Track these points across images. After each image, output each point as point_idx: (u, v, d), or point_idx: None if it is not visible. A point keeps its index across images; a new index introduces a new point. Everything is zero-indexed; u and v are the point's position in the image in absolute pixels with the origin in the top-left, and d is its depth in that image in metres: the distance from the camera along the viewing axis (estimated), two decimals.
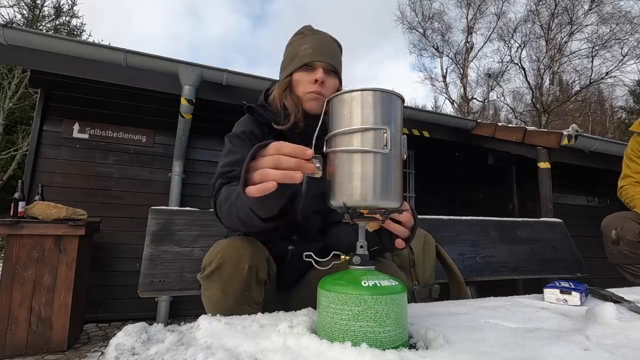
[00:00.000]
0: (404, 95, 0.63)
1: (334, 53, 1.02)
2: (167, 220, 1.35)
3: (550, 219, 2.15)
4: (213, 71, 3.18)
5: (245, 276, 0.79)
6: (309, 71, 0.98)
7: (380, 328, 0.52)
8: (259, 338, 0.56)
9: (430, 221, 1.77)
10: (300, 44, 1.01)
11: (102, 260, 3.31)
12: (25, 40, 2.76)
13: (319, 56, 0.98)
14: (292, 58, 1.02)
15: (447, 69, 18.91)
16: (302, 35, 1.04)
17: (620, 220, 1.82)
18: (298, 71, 0.99)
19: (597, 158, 3.71)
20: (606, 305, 0.71)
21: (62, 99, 3.42)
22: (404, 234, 0.76)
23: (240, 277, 0.79)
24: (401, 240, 0.76)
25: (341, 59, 1.07)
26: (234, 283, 0.79)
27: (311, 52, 0.98)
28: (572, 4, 15.44)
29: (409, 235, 0.78)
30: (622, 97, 17.69)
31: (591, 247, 2.73)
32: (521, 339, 0.59)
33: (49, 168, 3.32)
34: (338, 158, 0.62)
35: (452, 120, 4.32)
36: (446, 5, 18.56)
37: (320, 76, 0.95)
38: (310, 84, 0.97)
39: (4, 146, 9.10)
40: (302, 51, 0.99)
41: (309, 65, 0.98)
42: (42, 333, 2.40)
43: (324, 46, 1.00)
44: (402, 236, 0.76)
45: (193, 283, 1.25)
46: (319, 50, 0.98)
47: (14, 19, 10.20)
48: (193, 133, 3.34)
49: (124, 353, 0.51)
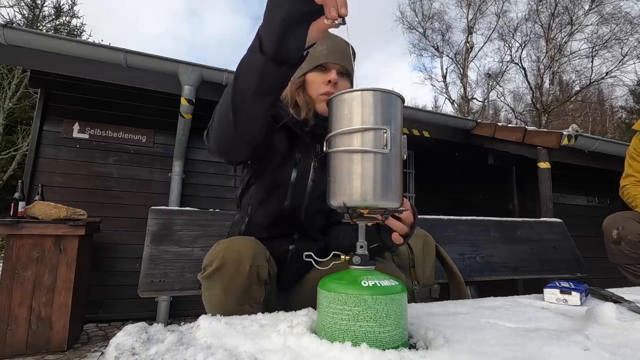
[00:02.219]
0: (404, 95, 0.63)
1: (348, 57, 1.02)
2: (167, 220, 1.35)
3: (550, 219, 2.15)
4: (213, 71, 3.18)
5: (247, 276, 0.79)
6: (323, 72, 0.99)
7: (380, 328, 0.52)
8: (259, 338, 0.56)
9: (430, 221, 1.77)
10: (315, 46, 1.02)
11: (102, 260, 3.31)
12: (25, 40, 2.76)
13: (333, 58, 0.98)
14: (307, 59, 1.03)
15: (447, 69, 18.93)
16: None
17: (621, 220, 1.82)
18: (312, 72, 1.00)
19: (597, 158, 3.71)
20: (606, 305, 0.71)
21: (62, 99, 3.42)
22: (403, 231, 0.77)
23: (241, 277, 0.79)
24: (398, 235, 0.77)
25: (354, 65, 1.08)
26: (235, 283, 0.79)
27: (326, 53, 0.99)
28: (572, 4, 15.44)
29: (407, 232, 0.79)
30: (622, 97, 17.70)
31: (591, 247, 2.73)
32: (521, 339, 0.59)
33: (49, 168, 3.32)
34: (338, 158, 0.62)
35: (452, 120, 4.32)
36: (446, 5, 18.57)
37: (333, 77, 0.96)
38: (323, 84, 0.97)
39: (4, 146, 9.10)
40: (317, 52, 0.99)
41: (323, 66, 0.99)
42: (42, 333, 2.40)
43: (339, 49, 1.00)
44: (401, 233, 0.77)
45: (193, 283, 1.25)
46: (334, 52, 0.99)
47: (14, 19, 10.20)
48: (193, 133, 3.34)
49: (124, 353, 0.51)
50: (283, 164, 0.99)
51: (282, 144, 1.00)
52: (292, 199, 0.99)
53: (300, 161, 1.00)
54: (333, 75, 0.96)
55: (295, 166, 1.00)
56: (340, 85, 0.98)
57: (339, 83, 0.98)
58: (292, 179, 0.98)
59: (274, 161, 0.98)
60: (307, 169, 1.00)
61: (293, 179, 0.98)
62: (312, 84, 0.99)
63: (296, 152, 1.01)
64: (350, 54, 1.06)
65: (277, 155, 0.99)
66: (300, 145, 1.01)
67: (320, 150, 1.01)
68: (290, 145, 1.01)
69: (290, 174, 0.99)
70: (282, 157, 0.99)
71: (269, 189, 0.99)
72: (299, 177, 0.99)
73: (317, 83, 0.99)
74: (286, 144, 1.00)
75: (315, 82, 0.99)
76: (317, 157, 1.02)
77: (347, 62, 1.01)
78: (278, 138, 0.99)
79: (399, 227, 0.76)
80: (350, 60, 1.03)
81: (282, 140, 1.00)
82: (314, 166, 1.01)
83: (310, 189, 1.00)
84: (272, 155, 0.98)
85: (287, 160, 1.00)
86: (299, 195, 0.99)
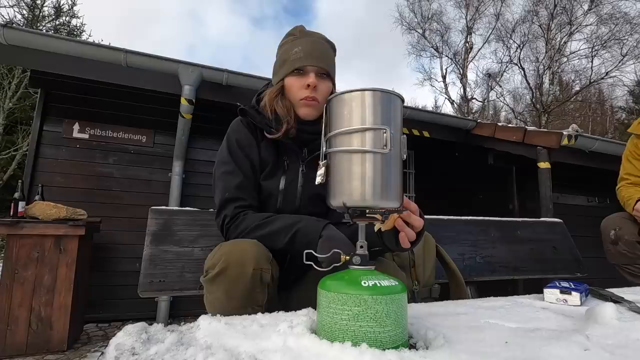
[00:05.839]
0: (403, 96, 0.63)
1: (326, 55, 1.01)
2: (167, 220, 1.35)
3: (550, 219, 2.15)
4: (213, 71, 3.18)
5: (250, 279, 0.79)
6: (301, 76, 0.97)
7: (380, 328, 0.52)
8: (259, 338, 0.56)
9: (430, 221, 1.77)
10: (290, 47, 1.00)
11: (102, 260, 3.31)
12: (25, 40, 2.76)
13: (310, 60, 0.96)
14: (283, 62, 1.01)
15: (447, 69, 18.93)
16: (293, 38, 1.03)
17: (619, 220, 1.83)
18: (289, 76, 0.98)
19: (597, 158, 3.71)
20: (606, 305, 0.71)
21: (62, 99, 3.42)
22: (412, 237, 0.76)
23: (244, 280, 0.78)
24: (407, 240, 0.76)
25: (334, 61, 1.06)
26: (238, 286, 0.79)
27: (302, 56, 0.97)
28: (571, 5, 15.44)
29: (415, 239, 0.78)
30: (621, 97, 17.69)
31: (591, 247, 2.72)
32: (521, 339, 0.59)
33: (49, 168, 3.32)
34: (338, 158, 0.62)
35: (452, 120, 4.32)
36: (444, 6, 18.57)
37: (312, 81, 0.94)
38: (302, 89, 0.96)
39: (4, 146, 9.10)
40: (292, 55, 0.97)
41: (300, 69, 0.97)
42: (42, 333, 2.40)
43: (316, 49, 0.99)
44: (410, 239, 0.76)
45: (193, 283, 1.25)
46: (310, 54, 0.97)
47: (14, 19, 10.20)
48: (193, 133, 3.34)
49: (124, 353, 0.51)
50: (273, 173, 1.00)
51: (269, 154, 1.00)
52: (284, 205, 0.99)
53: (289, 167, 1.01)
54: (311, 79, 0.95)
55: (284, 173, 1.00)
56: (321, 87, 0.97)
57: (319, 85, 0.96)
58: (281, 187, 0.99)
59: (263, 173, 1.00)
60: (296, 174, 1.01)
61: (282, 186, 0.99)
62: (290, 89, 0.98)
63: (284, 158, 1.01)
64: (329, 50, 1.04)
65: (267, 167, 1.00)
66: (287, 151, 1.01)
67: (307, 154, 1.02)
68: (278, 152, 1.01)
69: (278, 182, 0.99)
70: (271, 167, 1.00)
71: (261, 199, 1.01)
72: (288, 183, 0.99)
73: (295, 88, 0.97)
74: (273, 152, 1.01)
75: (294, 87, 0.98)
76: (305, 161, 1.02)
77: (325, 61, 0.99)
78: (265, 149, 1.00)
79: (410, 233, 0.75)
80: (328, 59, 1.01)
81: (269, 150, 1.00)
82: (302, 171, 1.01)
83: (300, 194, 1.00)
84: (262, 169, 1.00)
85: (276, 169, 1.01)
86: (290, 201, 1.00)
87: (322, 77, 0.98)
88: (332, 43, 1.07)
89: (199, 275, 0.87)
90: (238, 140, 1.01)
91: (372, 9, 41.78)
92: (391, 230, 0.79)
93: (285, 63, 0.99)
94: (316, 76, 0.96)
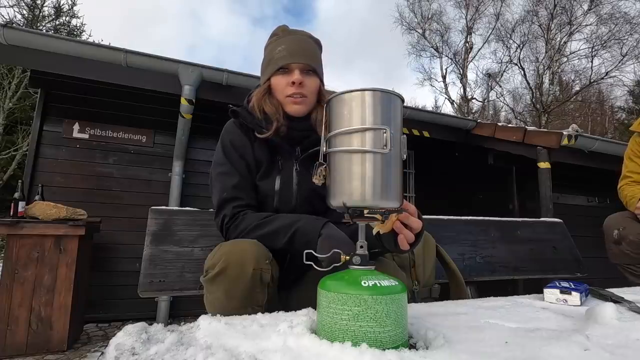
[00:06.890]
0: (403, 95, 0.63)
1: (311, 52, 1.01)
2: (167, 220, 1.35)
3: (550, 219, 2.15)
4: (213, 71, 3.18)
5: (250, 279, 0.79)
6: (286, 74, 0.98)
7: (380, 328, 0.52)
8: (259, 338, 0.56)
9: (430, 221, 1.77)
10: (274, 47, 1.01)
11: (102, 260, 3.31)
12: (25, 40, 2.76)
13: (294, 57, 0.97)
14: (268, 62, 1.02)
15: (447, 70, 18.93)
16: (277, 37, 1.04)
17: (622, 220, 1.81)
18: (275, 75, 0.99)
19: (597, 158, 3.71)
20: (606, 305, 0.71)
21: (62, 99, 3.42)
22: (411, 239, 0.76)
23: (244, 280, 0.78)
24: (406, 242, 0.76)
25: (320, 57, 1.06)
26: (238, 287, 0.79)
27: (286, 54, 0.98)
28: (570, 5, 15.44)
29: (414, 240, 0.78)
30: (621, 97, 17.69)
31: (591, 247, 2.73)
32: (521, 339, 0.59)
33: (49, 168, 3.32)
34: (338, 158, 0.62)
35: (452, 120, 4.32)
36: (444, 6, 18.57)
37: (297, 78, 0.95)
38: (288, 86, 0.97)
39: (4, 146, 9.10)
40: (276, 54, 0.99)
41: (285, 67, 0.98)
42: (42, 333, 2.40)
43: (300, 46, 1.00)
44: (409, 241, 0.76)
45: (193, 283, 1.25)
46: (293, 52, 0.98)
47: (14, 19, 10.20)
48: (193, 133, 3.33)
49: (124, 353, 0.51)
50: (268, 174, 1.01)
51: (263, 155, 1.01)
52: (280, 205, 0.99)
53: (283, 167, 1.01)
54: (296, 76, 0.96)
55: (278, 173, 1.00)
56: (306, 83, 0.98)
57: (305, 82, 0.97)
58: (277, 187, 0.99)
59: (259, 174, 1.01)
60: (290, 173, 1.01)
61: (277, 187, 0.99)
62: (277, 88, 1.00)
63: (278, 157, 1.02)
64: (314, 47, 1.05)
65: (262, 167, 1.01)
66: (280, 151, 1.02)
67: (300, 153, 1.02)
68: (271, 152, 1.02)
69: (274, 183, 1.00)
70: (266, 167, 1.01)
71: (259, 199, 1.01)
72: (283, 183, 1.00)
73: (281, 86, 0.99)
74: (267, 153, 1.01)
75: (280, 85, 0.99)
76: (298, 160, 1.02)
77: (310, 58, 1.00)
78: (258, 150, 1.01)
79: (408, 235, 0.75)
80: (313, 55, 1.02)
81: (263, 150, 1.01)
82: (296, 169, 1.01)
83: (296, 193, 1.00)
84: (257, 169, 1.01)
85: (271, 169, 1.01)
86: (287, 201, 1.00)
87: (307, 74, 0.99)
88: (318, 40, 1.08)
89: (199, 275, 0.87)
90: (232, 141, 1.01)
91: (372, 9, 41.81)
92: (390, 233, 0.79)
93: (270, 62, 1.01)
94: (301, 73, 0.97)
